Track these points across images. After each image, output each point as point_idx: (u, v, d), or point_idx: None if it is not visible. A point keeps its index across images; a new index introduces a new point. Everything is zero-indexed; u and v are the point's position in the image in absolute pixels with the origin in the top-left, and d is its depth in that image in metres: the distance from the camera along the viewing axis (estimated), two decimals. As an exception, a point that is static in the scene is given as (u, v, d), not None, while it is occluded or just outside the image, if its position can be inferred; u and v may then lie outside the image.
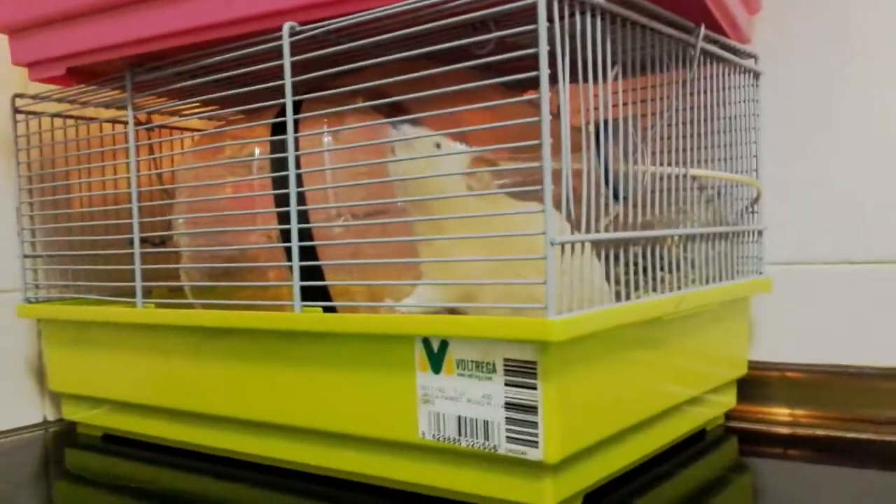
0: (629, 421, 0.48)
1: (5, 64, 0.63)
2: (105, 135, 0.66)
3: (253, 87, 0.52)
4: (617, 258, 0.45)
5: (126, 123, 0.59)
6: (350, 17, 0.46)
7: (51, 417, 0.73)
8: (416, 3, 0.43)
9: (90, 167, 0.65)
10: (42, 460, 0.64)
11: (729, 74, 0.59)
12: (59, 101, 0.64)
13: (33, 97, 0.65)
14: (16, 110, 0.66)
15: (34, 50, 0.60)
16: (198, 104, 0.65)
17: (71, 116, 0.67)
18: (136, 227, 0.58)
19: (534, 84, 0.39)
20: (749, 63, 0.61)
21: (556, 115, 0.40)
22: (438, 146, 0.46)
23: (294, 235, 0.49)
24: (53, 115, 0.66)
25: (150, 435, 0.63)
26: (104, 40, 0.55)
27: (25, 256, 0.67)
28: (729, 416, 0.65)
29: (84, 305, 0.64)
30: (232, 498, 0.51)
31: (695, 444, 0.58)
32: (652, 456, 0.54)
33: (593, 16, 0.42)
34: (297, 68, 0.49)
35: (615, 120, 0.45)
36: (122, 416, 0.64)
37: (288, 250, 0.51)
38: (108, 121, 0.68)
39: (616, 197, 0.47)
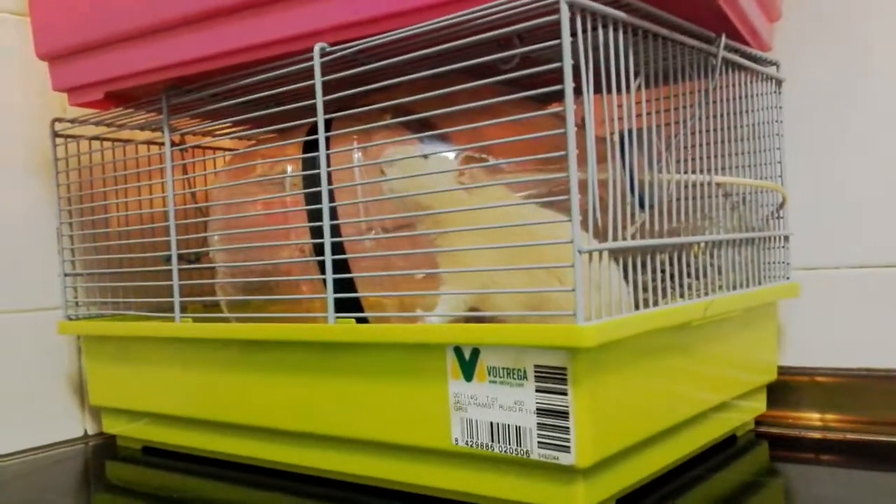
0: (659, 426, 0.49)
1: (45, 89, 0.65)
2: (141, 156, 0.69)
3: (285, 107, 0.53)
4: (644, 266, 0.46)
5: (161, 144, 0.61)
6: (378, 37, 0.47)
7: (91, 431, 0.75)
8: (441, 22, 0.45)
9: (126, 187, 0.68)
10: (83, 473, 0.65)
11: (751, 82, 0.59)
12: (97, 124, 0.67)
13: (72, 121, 0.68)
14: (55, 134, 0.68)
15: (73, 76, 0.62)
16: (231, 124, 0.67)
17: (108, 139, 0.69)
18: (173, 245, 0.60)
19: (558, 97, 0.40)
20: (770, 70, 0.61)
21: (580, 126, 0.41)
22: (426, 157, 0.48)
23: (327, 249, 0.51)
24: (91, 138, 0.68)
25: (190, 447, 0.64)
26: (141, 65, 0.57)
27: (66, 275, 0.69)
28: (759, 421, 0.65)
29: (123, 321, 0.66)
30: (270, 507, 0.52)
31: (725, 450, 0.58)
32: (683, 461, 0.54)
33: (615, 29, 0.43)
34: (327, 87, 0.50)
35: (639, 130, 0.46)
36: (161, 428, 0.66)
37: (321, 264, 0.52)
38: (144, 142, 0.70)
39: (642, 205, 0.47)
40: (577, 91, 0.40)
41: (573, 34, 0.40)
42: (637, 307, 0.45)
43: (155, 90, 0.60)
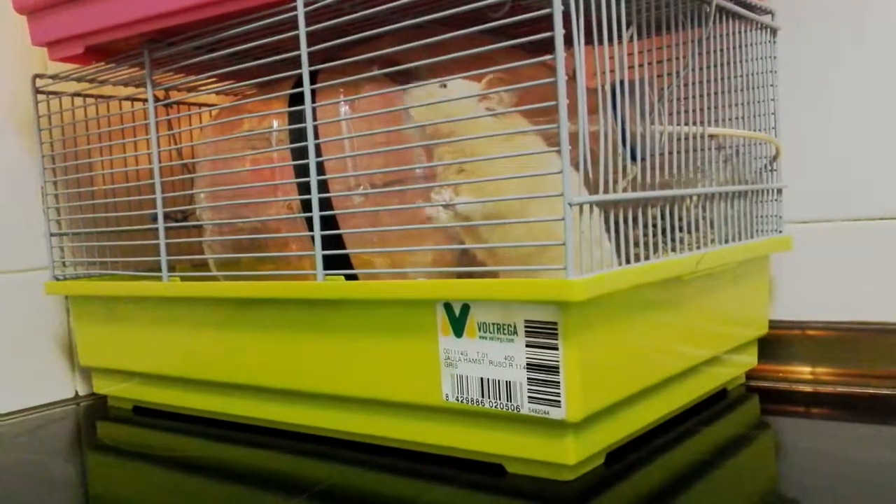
0: (650, 380, 0.49)
1: (25, 45, 0.64)
2: (125, 112, 0.67)
3: (269, 59, 0.52)
4: (636, 219, 0.45)
5: (145, 100, 0.60)
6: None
7: (82, 392, 0.75)
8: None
9: (111, 144, 0.66)
10: (75, 433, 0.65)
11: (745, 31, 0.58)
12: (79, 80, 0.65)
13: (53, 77, 0.66)
14: (37, 90, 0.67)
15: (52, 29, 0.60)
16: (215, 79, 0.65)
17: (90, 95, 0.68)
18: (159, 203, 0.59)
19: (549, 46, 0.39)
20: (765, 19, 0.60)
21: (571, 76, 0.40)
22: (444, 86, 0.46)
23: (315, 205, 0.50)
24: (73, 95, 0.67)
25: (179, 406, 0.64)
26: (120, 18, 0.56)
27: (52, 235, 0.68)
28: (750, 375, 0.65)
29: (111, 281, 0.65)
30: (260, 464, 0.52)
31: (716, 404, 0.58)
32: (674, 415, 0.54)
33: (607, -25, 0.42)
34: (312, 38, 0.49)
35: (631, 81, 0.45)
36: (151, 388, 0.66)
37: (309, 221, 0.51)
38: (127, 98, 0.68)
39: (634, 158, 0.47)
40: (568, 41, 0.39)
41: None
42: (628, 261, 0.45)
43: (136, 44, 0.59)
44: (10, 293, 0.70)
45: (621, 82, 0.44)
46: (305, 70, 0.49)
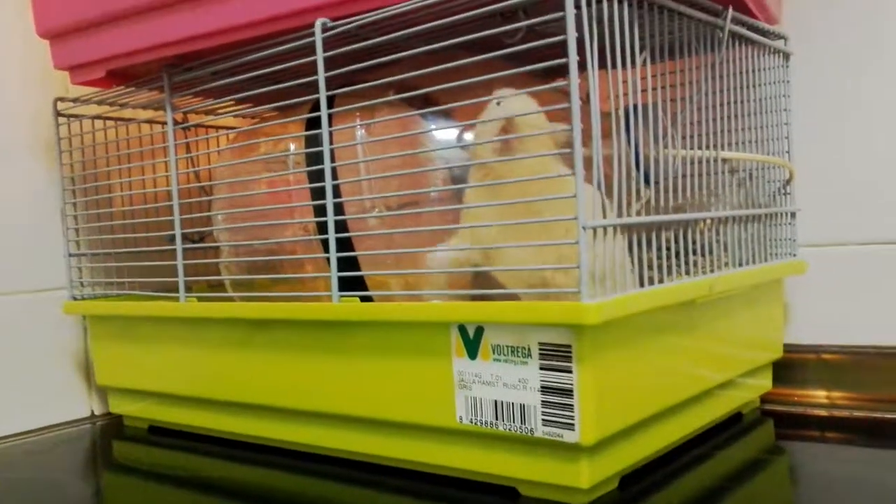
0: (664, 404, 0.49)
1: (47, 68, 0.65)
2: (144, 135, 0.68)
3: (287, 84, 0.53)
4: (649, 242, 0.46)
5: (164, 123, 0.61)
6: (380, 10, 0.47)
7: (98, 411, 0.76)
8: (444, -5, 0.44)
9: (130, 167, 0.67)
10: (91, 453, 0.66)
11: (758, 56, 0.58)
12: (99, 103, 0.66)
13: (74, 100, 0.67)
14: (58, 113, 0.68)
15: (75, 54, 0.62)
16: (233, 102, 0.66)
17: (111, 118, 0.69)
18: (177, 224, 0.60)
19: (563, 71, 0.40)
20: (778, 44, 0.60)
21: (585, 101, 0.40)
22: (499, 104, 0.46)
23: (331, 227, 0.51)
24: (94, 118, 0.68)
25: (195, 426, 0.65)
26: (140, 43, 0.57)
27: (70, 255, 0.69)
28: (765, 399, 0.65)
29: (128, 301, 0.66)
30: (274, 485, 0.52)
31: (731, 428, 0.58)
32: (688, 439, 0.54)
33: (620, 2, 0.42)
34: (330, 63, 0.50)
35: (645, 105, 0.46)
36: (166, 408, 0.66)
37: (324, 243, 0.52)
38: (146, 121, 0.69)
39: (647, 181, 0.47)
40: (582, 66, 0.40)
41: (577, 6, 0.39)
42: (642, 284, 0.45)
43: (156, 68, 0.60)
44: (29, 312, 0.71)
45: (635, 106, 0.45)
46: (323, 95, 0.50)
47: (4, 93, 0.70)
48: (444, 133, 0.52)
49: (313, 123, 0.54)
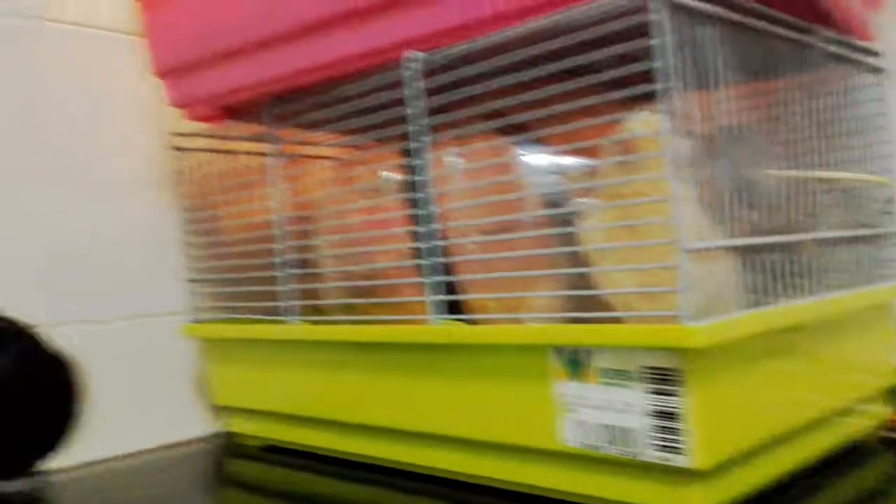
0: (776, 429, 0.47)
1: (160, 105, 0.69)
2: (251, 167, 0.71)
3: (383, 114, 0.54)
4: (752, 265, 0.44)
5: (267, 154, 0.63)
6: (469, 42, 0.48)
7: (213, 430, 0.79)
8: (535, 26, 0.44)
9: (238, 196, 0.71)
10: (207, 469, 0.69)
11: (853, 74, 0.56)
12: (210, 137, 0.70)
13: (187, 135, 0.71)
14: (173, 147, 0.72)
15: (188, 91, 0.65)
16: (332, 134, 0.68)
17: (220, 151, 0.73)
18: (282, 252, 0.62)
19: (654, 96, 0.40)
20: (873, 61, 0.58)
21: (682, 124, 0.40)
22: None
23: (431, 253, 0.52)
24: (205, 150, 0.72)
25: (307, 444, 0.67)
26: (249, 79, 0.60)
27: (190, 281, 0.73)
28: (885, 426, 0.61)
29: (241, 324, 0.69)
30: (380, 502, 0.53)
31: (848, 457, 0.55)
32: (803, 467, 0.52)
33: (711, 25, 0.42)
34: (425, 94, 0.51)
35: (742, 126, 0.45)
36: (280, 427, 0.69)
37: (423, 267, 0.53)
38: (252, 153, 0.73)
39: (750, 204, 0.46)
40: (677, 89, 0.39)
41: (667, 32, 0.39)
42: (747, 307, 0.44)
43: (261, 103, 0.63)
44: (151, 336, 0.75)
45: (731, 128, 0.44)
46: (419, 125, 0.51)
47: (123, 130, 0.74)
48: (538, 159, 0.52)
49: (409, 153, 0.56)
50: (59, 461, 0.54)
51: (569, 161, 0.50)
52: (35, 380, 0.50)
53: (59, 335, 0.52)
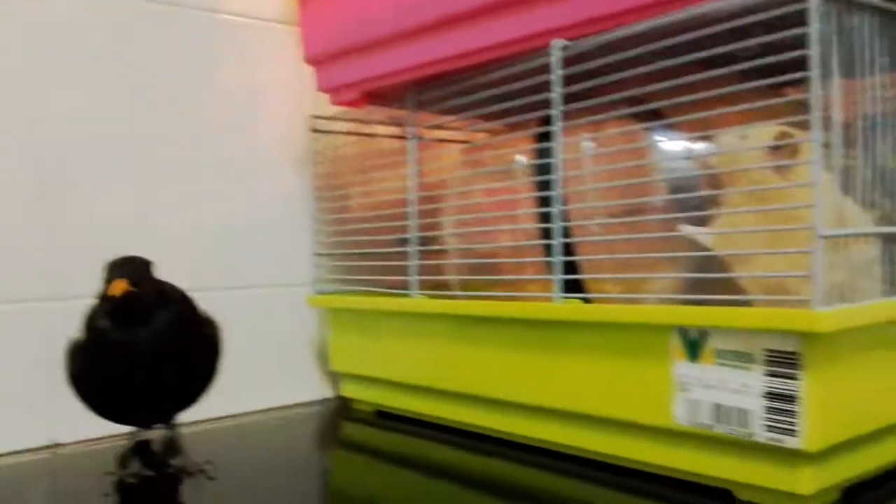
0: (888, 419, 0.47)
1: (302, 89, 0.73)
2: (384, 149, 0.76)
3: (522, 101, 0.57)
4: (886, 255, 0.45)
5: (402, 138, 0.67)
6: (616, 31, 0.50)
7: (330, 395, 0.84)
8: (680, 15, 0.47)
9: (370, 177, 0.75)
10: (321, 431, 0.74)
11: None
12: (347, 120, 0.75)
13: (327, 118, 0.76)
14: (313, 129, 0.77)
15: (336, 77, 0.70)
16: (468, 118, 0.72)
17: (357, 133, 0.77)
18: (413, 229, 0.66)
19: (794, 83, 0.41)
20: None
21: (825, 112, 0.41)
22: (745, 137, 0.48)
23: (557, 232, 0.54)
24: (345, 133, 0.77)
25: (418, 412, 0.70)
26: (393, 66, 0.64)
27: (317, 255, 0.78)
28: None
29: (365, 296, 0.74)
30: (491, 471, 0.56)
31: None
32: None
33: (864, 13, 0.43)
34: (562, 81, 0.54)
35: (886, 115, 0.46)
36: (393, 394, 0.72)
37: (547, 247, 0.56)
38: (388, 136, 0.77)
39: (886, 193, 0.46)
40: (823, 76, 0.41)
41: (816, 21, 0.41)
42: (876, 296, 0.45)
43: (402, 89, 0.67)
44: (277, 304, 0.80)
45: (876, 116, 0.45)
46: (557, 111, 0.54)
47: (269, 112, 0.80)
48: (671, 145, 0.54)
49: (542, 137, 0.59)
50: (193, 414, 0.59)
51: (702, 147, 0.51)
52: (188, 337, 0.54)
53: (202, 300, 0.57)
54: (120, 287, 0.49)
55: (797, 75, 0.41)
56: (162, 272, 0.54)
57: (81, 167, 0.69)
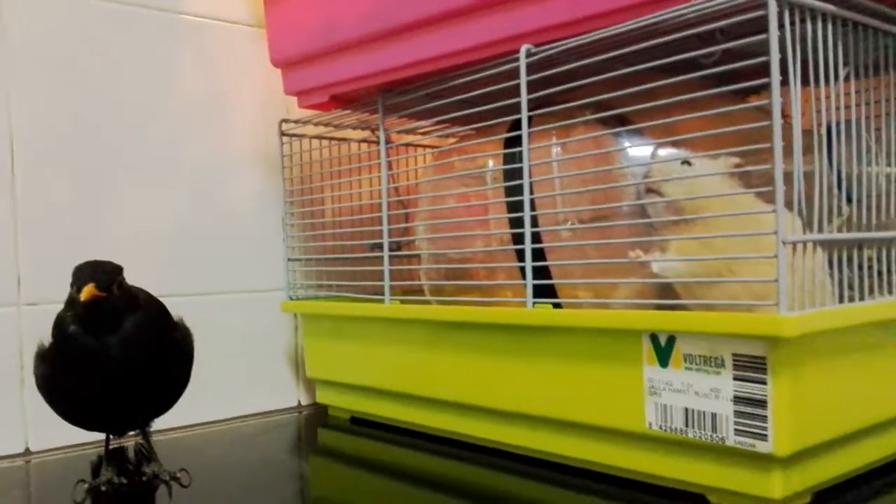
0: (861, 422, 0.48)
1: (271, 92, 0.73)
2: (354, 153, 0.76)
3: (489, 106, 0.57)
4: (850, 261, 0.46)
5: (373, 142, 0.67)
6: (582, 37, 0.50)
7: (304, 401, 0.84)
8: (645, 20, 0.46)
9: (341, 182, 0.74)
10: (297, 438, 0.73)
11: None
12: (317, 124, 0.74)
13: (296, 122, 0.76)
14: (282, 133, 0.77)
15: (303, 81, 0.70)
16: (436, 123, 0.72)
17: (327, 137, 0.77)
18: (385, 234, 0.66)
19: (756, 90, 0.41)
20: None
21: (784, 118, 0.41)
22: (688, 164, 0.49)
23: (527, 238, 0.54)
24: (313, 137, 0.76)
25: (393, 418, 0.70)
26: (362, 70, 0.64)
27: (289, 260, 0.78)
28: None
29: (338, 302, 0.73)
30: (464, 478, 0.56)
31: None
32: (888, 461, 0.52)
33: (824, 21, 0.43)
34: (530, 86, 0.54)
35: (847, 122, 0.46)
36: (368, 400, 0.72)
37: (518, 253, 0.56)
38: (359, 140, 0.77)
39: (849, 199, 0.47)
40: (782, 83, 0.41)
41: (780, 27, 0.41)
42: (841, 301, 0.45)
43: (372, 93, 0.67)
44: (250, 310, 0.80)
45: (837, 123, 0.45)
46: (524, 115, 0.54)
47: (236, 115, 0.80)
48: (637, 150, 0.54)
49: (511, 142, 0.58)
50: (168, 421, 0.59)
51: (668, 152, 0.51)
52: (159, 343, 0.54)
53: (174, 306, 0.57)
54: (88, 292, 0.49)
55: (758, 82, 0.41)
56: (132, 278, 0.53)
57: (49, 171, 0.68)
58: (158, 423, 0.59)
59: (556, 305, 0.55)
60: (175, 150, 0.75)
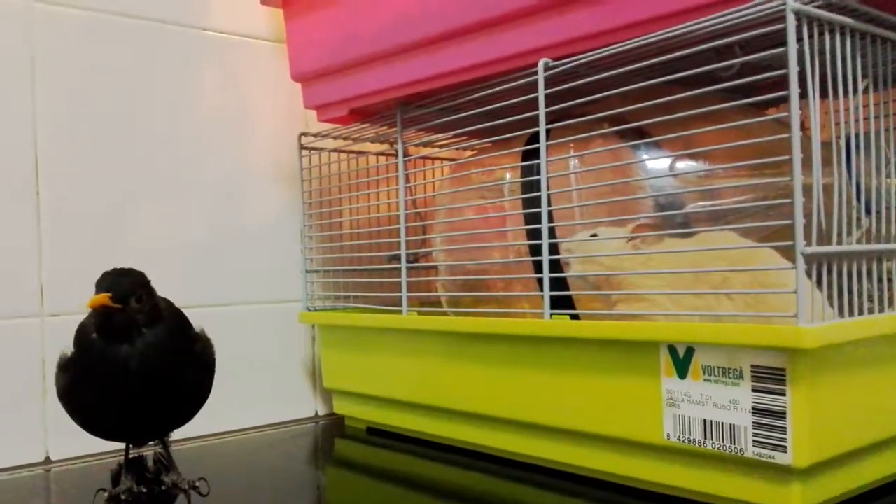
0: (882, 434, 0.48)
1: (291, 107, 0.74)
2: (373, 166, 0.76)
3: (508, 119, 0.58)
4: (869, 273, 0.46)
5: (391, 155, 0.68)
6: (600, 51, 0.51)
7: (322, 412, 0.84)
8: (663, 34, 0.47)
9: (359, 194, 0.75)
10: (314, 448, 0.74)
11: None
12: (336, 137, 0.75)
13: (315, 135, 0.77)
14: (301, 146, 0.78)
15: (323, 95, 0.71)
16: (454, 136, 0.73)
17: (347, 151, 0.78)
18: (403, 246, 0.67)
19: (774, 103, 0.41)
20: None
21: (803, 130, 0.42)
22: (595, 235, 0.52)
23: (545, 249, 0.54)
24: (332, 150, 0.77)
25: (410, 429, 0.70)
26: (381, 84, 0.64)
27: (307, 271, 0.78)
28: None
29: (356, 313, 0.73)
30: (483, 488, 0.56)
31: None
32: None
33: (842, 34, 0.43)
34: (548, 99, 0.54)
35: (866, 134, 0.46)
36: (385, 411, 0.72)
37: (535, 264, 0.56)
38: (377, 153, 0.77)
39: (868, 211, 0.47)
40: (801, 96, 0.41)
41: (799, 40, 0.41)
42: (861, 313, 0.45)
43: (390, 106, 0.67)
44: (269, 321, 0.80)
45: (856, 135, 0.45)
46: (542, 129, 0.54)
47: (257, 129, 0.81)
48: (655, 163, 0.55)
49: (528, 154, 0.59)
50: (186, 431, 0.59)
51: (687, 165, 0.52)
52: (179, 353, 0.54)
53: (194, 317, 0.57)
54: (96, 301, 0.49)
55: (776, 94, 0.41)
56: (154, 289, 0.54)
57: (73, 183, 0.69)
58: (177, 433, 0.60)
59: (574, 317, 0.55)
60: (197, 162, 0.76)
